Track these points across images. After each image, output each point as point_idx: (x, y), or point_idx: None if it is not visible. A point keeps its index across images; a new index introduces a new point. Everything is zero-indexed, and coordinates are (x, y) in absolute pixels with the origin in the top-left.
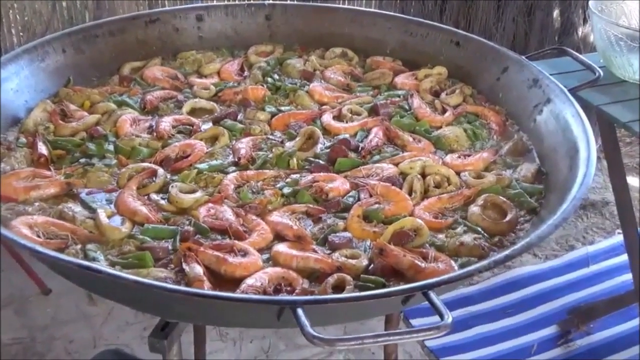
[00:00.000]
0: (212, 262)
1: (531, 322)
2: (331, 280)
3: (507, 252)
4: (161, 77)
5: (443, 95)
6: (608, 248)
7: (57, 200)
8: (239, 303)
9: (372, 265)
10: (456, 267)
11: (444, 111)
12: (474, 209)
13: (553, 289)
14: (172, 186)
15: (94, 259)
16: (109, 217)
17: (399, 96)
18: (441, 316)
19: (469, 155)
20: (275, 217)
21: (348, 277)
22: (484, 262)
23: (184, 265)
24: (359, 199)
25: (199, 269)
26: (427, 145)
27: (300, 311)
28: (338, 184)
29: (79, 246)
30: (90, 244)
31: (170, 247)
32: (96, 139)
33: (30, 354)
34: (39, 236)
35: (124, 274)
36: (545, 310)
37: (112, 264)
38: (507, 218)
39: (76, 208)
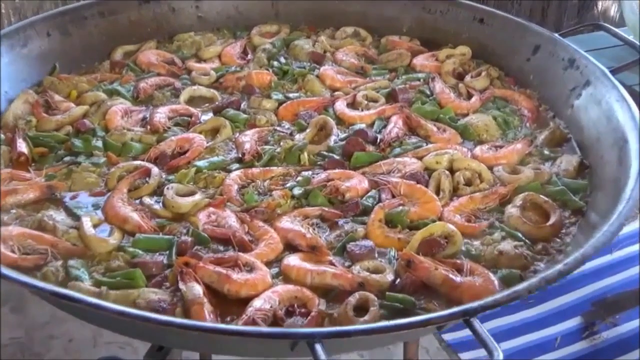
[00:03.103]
0: (214, 280)
1: (554, 313)
2: (352, 300)
3: (559, 267)
4: (156, 62)
5: (468, 78)
6: (630, 234)
7: (38, 206)
8: (244, 337)
9: (398, 280)
10: (496, 282)
11: (469, 96)
12: (512, 210)
13: (575, 277)
14: (167, 188)
15: (76, 278)
16: (95, 225)
17: (418, 80)
18: (489, 352)
19: (501, 147)
20: (285, 223)
21: (372, 297)
22: (534, 281)
23: (181, 285)
24: (379, 200)
25: (198, 289)
26: (453, 136)
27: (318, 347)
28: (355, 183)
29: (59, 262)
30: (72, 259)
31: (165, 262)
32: (83, 133)
33: (28, 354)
34: (14, 251)
35: (105, 303)
36: (568, 300)
37: (98, 284)
38: (551, 221)
39: (58, 216)
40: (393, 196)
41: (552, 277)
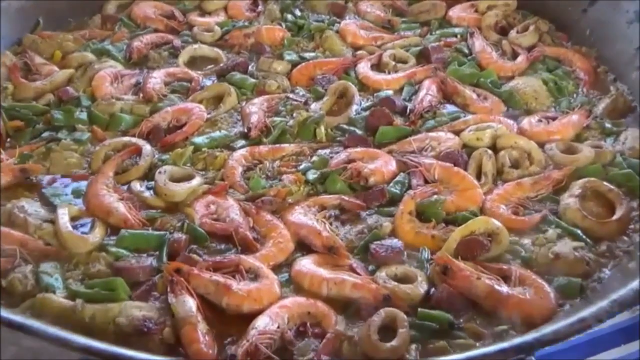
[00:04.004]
0: (210, 292)
1: None
2: (377, 320)
3: (635, 284)
4: (154, 15)
5: (513, 33)
6: None
7: (9, 193)
8: None
9: (433, 290)
10: (552, 294)
11: (514, 55)
12: (569, 200)
13: None
14: (159, 172)
15: (47, 288)
16: (74, 218)
17: (455, 35)
18: None
19: (553, 118)
20: (297, 215)
21: (401, 316)
22: (604, 304)
23: (171, 298)
24: (409, 187)
25: (190, 305)
26: (495, 104)
27: None
28: (381, 164)
29: (29, 267)
30: (46, 262)
31: (154, 265)
32: (65, 103)
33: None
34: None
35: (67, 334)
36: None
37: (73, 296)
38: (617, 214)
39: (31, 207)
40: (426, 181)
41: (627, 301)
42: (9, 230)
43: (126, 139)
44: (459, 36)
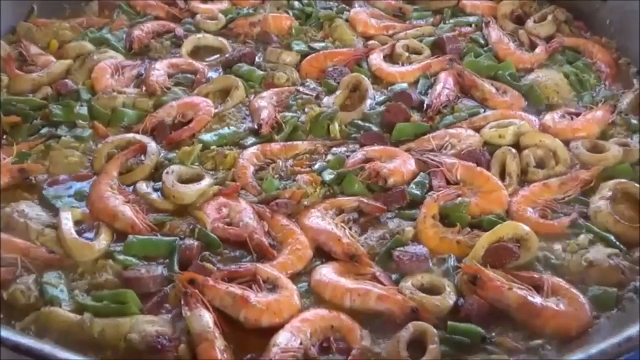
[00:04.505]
0: (227, 305)
1: None
2: (406, 335)
3: None
4: (154, 2)
5: (530, 22)
6: None
7: (7, 195)
8: None
9: (461, 301)
10: (587, 306)
11: (532, 46)
12: (600, 203)
13: None
14: (166, 172)
15: (52, 301)
16: (78, 222)
17: (470, 25)
18: None
19: (577, 114)
20: (314, 220)
21: (431, 330)
22: None
23: (185, 312)
24: (430, 188)
25: (206, 319)
26: (515, 99)
27: None
28: (399, 164)
29: (31, 277)
30: (49, 271)
31: (165, 274)
32: (64, 97)
33: None
34: None
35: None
36: None
37: (80, 309)
38: None
39: (32, 211)
40: (447, 182)
41: None
42: (9, 237)
43: (130, 135)
44: (473, 25)
